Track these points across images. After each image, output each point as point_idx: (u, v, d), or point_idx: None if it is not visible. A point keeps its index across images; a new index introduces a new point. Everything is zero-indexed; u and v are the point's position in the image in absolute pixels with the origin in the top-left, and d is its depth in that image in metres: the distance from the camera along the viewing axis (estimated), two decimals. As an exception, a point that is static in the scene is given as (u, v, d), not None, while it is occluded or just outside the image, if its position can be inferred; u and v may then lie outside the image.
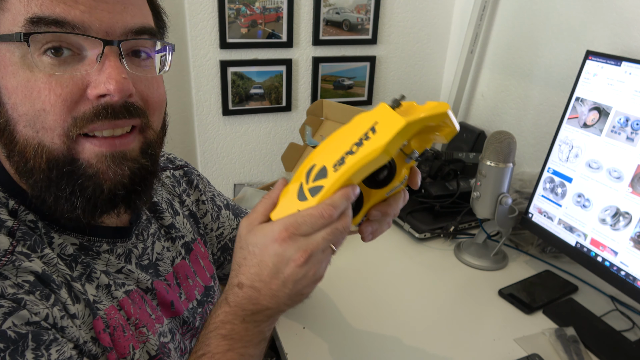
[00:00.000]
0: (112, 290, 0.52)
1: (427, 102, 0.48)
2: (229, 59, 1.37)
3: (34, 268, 0.45)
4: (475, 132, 1.47)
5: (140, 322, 0.54)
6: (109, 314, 0.51)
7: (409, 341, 0.83)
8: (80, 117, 0.45)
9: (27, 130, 0.45)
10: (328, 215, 0.45)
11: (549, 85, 1.27)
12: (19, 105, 0.44)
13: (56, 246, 0.50)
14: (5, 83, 0.44)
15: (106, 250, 0.55)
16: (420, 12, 1.54)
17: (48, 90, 0.44)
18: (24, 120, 0.45)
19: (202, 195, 0.77)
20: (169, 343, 0.57)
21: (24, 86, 0.44)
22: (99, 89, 0.45)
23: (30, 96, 0.44)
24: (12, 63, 0.44)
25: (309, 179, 0.48)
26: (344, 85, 1.53)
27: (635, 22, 1.03)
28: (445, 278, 1.01)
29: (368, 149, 0.46)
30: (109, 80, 0.44)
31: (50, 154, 0.46)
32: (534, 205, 1.03)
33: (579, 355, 0.79)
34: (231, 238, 0.80)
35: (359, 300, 0.93)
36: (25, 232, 0.47)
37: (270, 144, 1.55)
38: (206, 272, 0.71)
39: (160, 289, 0.60)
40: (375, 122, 0.46)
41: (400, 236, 1.17)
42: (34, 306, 0.43)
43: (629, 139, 0.84)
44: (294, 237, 0.45)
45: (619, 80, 0.87)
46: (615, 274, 0.86)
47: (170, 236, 0.66)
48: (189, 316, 0.64)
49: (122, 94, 0.45)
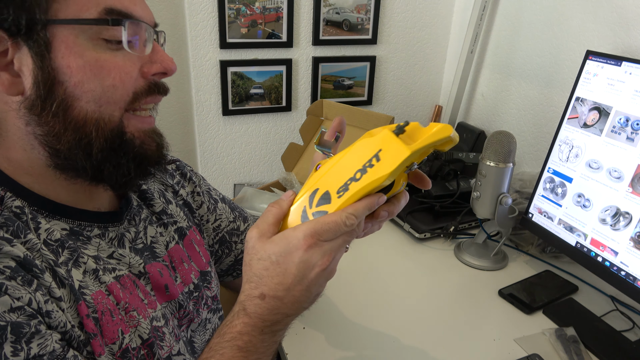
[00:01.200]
0: (100, 275, 0.53)
1: (431, 124, 0.48)
2: (229, 59, 1.37)
3: (16, 253, 0.46)
4: (475, 132, 1.47)
5: (130, 306, 0.54)
6: (96, 298, 0.51)
7: (409, 341, 0.83)
8: (138, 92, 0.53)
9: (90, 106, 0.49)
10: (350, 224, 0.47)
11: (549, 85, 1.27)
12: (86, 82, 0.48)
13: (42, 232, 0.50)
14: (68, 62, 0.48)
15: (97, 234, 0.56)
16: (420, 12, 1.54)
17: (117, 68, 0.50)
18: (89, 96, 0.49)
19: (197, 187, 0.77)
20: (163, 327, 0.57)
21: (93, 65, 0.49)
22: (156, 67, 0.53)
23: (100, 74, 0.49)
24: (77, 44, 0.48)
25: (312, 203, 0.50)
26: (344, 85, 1.53)
27: (635, 22, 1.03)
28: (445, 278, 1.01)
29: (372, 177, 0.47)
30: (165, 60, 0.54)
31: (110, 127, 0.51)
32: (534, 205, 1.03)
33: (579, 355, 0.79)
34: (228, 231, 0.80)
35: (359, 300, 0.93)
36: (8, 217, 0.48)
37: (270, 144, 1.55)
38: (202, 258, 0.71)
39: (154, 273, 0.60)
40: (380, 149, 0.47)
41: (400, 236, 1.17)
42: (15, 291, 0.44)
43: (629, 139, 0.84)
44: (319, 243, 0.47)
45: (619, 80, 0.87)
46: (615, 274, 0.86)
47: (162, 222, 0.66)
48: (184, 300, 0.63)
49: (174, 71, 0.55)
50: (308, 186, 0.51)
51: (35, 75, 0.47)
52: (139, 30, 0.52)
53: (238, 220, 0.82)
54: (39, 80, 0.47)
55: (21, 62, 0.47)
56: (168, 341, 0.57)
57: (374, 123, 1.30)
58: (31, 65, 0.47)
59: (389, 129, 0.48)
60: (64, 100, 0.48)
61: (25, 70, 0.47)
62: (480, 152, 1.06)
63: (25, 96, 0.48)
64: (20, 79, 0.48)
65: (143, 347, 0.54)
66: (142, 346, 0.54)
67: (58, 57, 0.47)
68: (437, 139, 0.47)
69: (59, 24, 0.47)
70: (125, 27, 0.50)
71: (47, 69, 0.47)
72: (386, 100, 1.64)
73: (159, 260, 0.62)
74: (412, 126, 0.49)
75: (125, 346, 0.52)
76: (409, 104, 1.68)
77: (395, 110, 1.66)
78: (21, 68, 0.47)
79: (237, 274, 0.84)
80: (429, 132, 0.47)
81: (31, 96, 0.48)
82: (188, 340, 0.64)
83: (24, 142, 0.50)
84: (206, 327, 0.69)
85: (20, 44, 0.47)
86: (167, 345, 0.57)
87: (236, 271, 0.83)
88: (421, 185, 0.54)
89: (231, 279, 0.84)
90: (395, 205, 0.53)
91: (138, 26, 0.51)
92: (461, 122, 1.56)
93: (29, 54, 0.47)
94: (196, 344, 0.66)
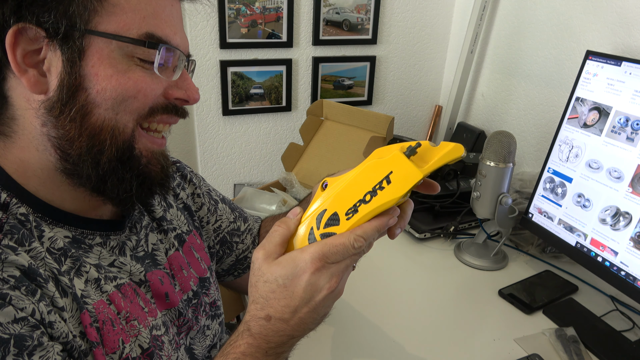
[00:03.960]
0: (102, 284, 0.53)
1: (442, 144, 0.47)
2: (229, 59, 1.37)
3: (20, 262, 0.45)
4: (475, 132, 1.47)
5: (131, 316, 0.54)
6: (98, 308, 0.51)
7: (409, 341, 0.83)
8: (155, 108, 0.53)
9: (108, 113, 0.50)
10: (358, 247, 0.47)
11: (549, 85, 1.27)
12: (109, 90, 0.49)
13: (46, 240, 0.50)
14: (97, 71, 0.49)
15: (99, 243, 0.56)
16: (420, 12, 1.54)
17: (143, 83, 0.51)
18: (109, 102, 0.49)
19: (197, 189, 0.77)
20: (163, 336, 0.57)
21: (121, 76, 0.49)
22: (180, 93, 0.55)
23: (125, 84, 0.50)
24: (110, 57, 0.49)
25: (320, 224, 0.49)
26: (344, 85, 1.53)
27: (635, 22, 1.03)
28: (445, 278, 1.01)
29: (382, 199, 0.47)
30: (191, 89, 0.56)
31: (122, 138, 0.52)
32: (534, 205, 1.03)
33: (579, 355, 0.79)
34: (229, 231, 0.80)
35: (359, 300, 0.93)
36: (13, 225, 0.48)
37: (270, 144, 1.55)
38: (201, 263, 0.71)
39: (155, 281, 0.60)
40: (391, 171, 0.47)
41: (400, 236, 1.17)
42: (19, 301, 0.43)
43: (629, 139, 0.84)
44: (327, 265, 0.47)
45: (619, 80, 0.87)
46: (615, 274, 0.86)
47: (162, 228, 0.66)
48: (183, 307, 0.64)
49: (197, 101, 0.57)
50: (316, 206, 0.50)
51: (62, 79, 0.48)
52: (172, 56, 0.53)
53: (238, 220, 0.82)
54: (64, 85, 0.48)
55: (51, 63, 0.48)
56: (167, 350, 0.57)
57: (374, 123, 1.30)
58: (60, 68, 0.48)
59: (400, 149, 0.47)
60: (84, 106, 0.49)
61: (54, 71, 0.48)
62: (480, 152, 1.06)
63: (48, 97, 0.48)
64: (46, 78, 0.48)
65: (143, 357, 0.54)
66: (142, 355, 0.54)
67: (88, 65, 0.48)
68: (449, 160, 0.46)
69: (97, 36, 0.48)
70: (160, 51, 0.51)
71: (75, 75, 0.48)
72: (386, 100, 1.64)
73: (160, 268, 0.62)
74: (423, 147, 0.48)
75: (125, 356, 0.52)
76: (409, 104, 1.68)
77: (395, 110, 1.66)
78: (50, 68, 0.48)
79: (238, 273, 0.84)
80: (441, 153, 0.46)
81: (53, 98, 0.48)
82: (187, 348, 0.64)
83: (38, 142, 0.50)
84: (205, 333, 0.69)
85: (55, 47, 0.47)
86: (166, 355, 0.57)
87: (237, 271, 0.83)
88: (429, 191, 0.53)
89: (232, 278, 0.84)
90: (404, 218, 0.52)
91: (172, 53, 0.52)
92: (461, 122, 1.56)
93: (61, 57, 0.47)
94: (196, 351, 0.66)
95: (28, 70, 0.47)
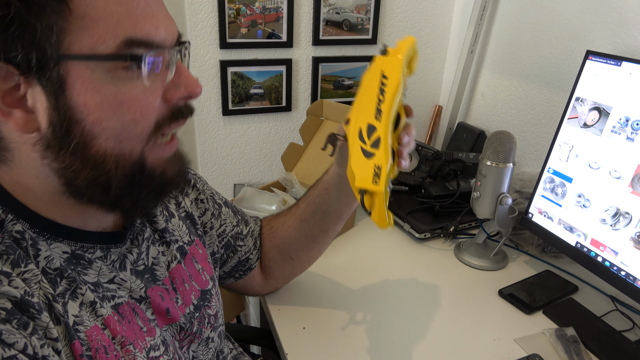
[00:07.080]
0: (97, 307, 0.50)
1: (396, 42, 0.62)
2: (229, 59, 1.37)
3: (13, 293, 0.43)
4: (475, 132, 1.47)
5: (126, 340, 0.52)
6: (91, 335, 0.49)
7: (409, 341, 0.83)
8: (160, 121, 0.49)
9: (109, 142, 0.46)
10: None
11: (549, 85, 1.27)
12: (105, 119, 0.45)
13: (42, 259, 0.48)
14: (85, 100, 0.44)
15: (99, 257, 0.54)
16: (420, 12, 1.54)
17: (138, 101, 0.46)
18: (108, 133, 0.46)
19: (200, 194, 0.76)
20: (161, 356, 0.56)
21: (112, 100, 0.45)
22: (180, 92, 0.50)
23: (120, 109, 0.45)
24: (93, 80, 0.44)
25: (364, 140, 0.61)
26: (344, 85, 1.53)
27: (635, 22, 1.03)
28: (445, 278, 1.01)
29: (391, 89, 0.60)
30: (190, 83, 0.50)
31: (130, 162, 0.48)
32: (534, 205, 1.03)
33: (579, 355, 0.79)
34: (233, 235, 0.80)
35: (359, 300, 0.93)
36: (9, 245, 0.45)
37: (270, 144, 1.55)
38: (202, 275, 0.69)
39: (155, 297, 0.58)
40: (381, 70, 0.60)
41: (400, 236, 1.17)
42: (10, 336, 0.41)
43: (629, 139, 0.84)
44: None
45: (619, 80, 0.87)
46: (615, 274, 0.86)
47: (164, 240, 0.64)
48: (185, 322, 0.63)
49: (199, 94, 0.51)
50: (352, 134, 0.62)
51: (50, 115, 0.44)
52: (162, 58, 0.48)
53: (241, 224, 0.82)
54: (55, 120, 0.44)
55: (35, 99, 0.43)
56: None
57: (374, 123, 1.29)
58: (45, 104, 0.43)
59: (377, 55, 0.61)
60: (82, 138, 0.45)
61: (40, 107, 0.44)
62: (480, 152, 1.06)
63: (42, 134, 0.45)
64: (34, 115, 0.44)
65: None
66: None
67: (74, 94, 0.44)
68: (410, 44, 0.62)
69: (73, 60, 0.43)
70: (145, 61, 0.45)
71: (63, 109, 0.44)
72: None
73: (159, 284, 0.61)
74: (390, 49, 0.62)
75: None
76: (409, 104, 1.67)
77: (395, 110, 1.66)
78: (35, 105, 0.44)
79: (239, 275, 0.83)
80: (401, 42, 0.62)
81: (47, 135, 0.45)
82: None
83: (37, 172, 0.47)
84: (208, 345, 0.68)
85: (33, 81, 0.42)
86: None
87: (238, 272, 0.83)
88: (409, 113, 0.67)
89: (233, 280, 0.84)
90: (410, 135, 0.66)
91: (160, 55, 0.47)
92: (461, 122, 1.56)
93: (42, 92, 0.43)
94: None
95: (12, 111, 0.43)
